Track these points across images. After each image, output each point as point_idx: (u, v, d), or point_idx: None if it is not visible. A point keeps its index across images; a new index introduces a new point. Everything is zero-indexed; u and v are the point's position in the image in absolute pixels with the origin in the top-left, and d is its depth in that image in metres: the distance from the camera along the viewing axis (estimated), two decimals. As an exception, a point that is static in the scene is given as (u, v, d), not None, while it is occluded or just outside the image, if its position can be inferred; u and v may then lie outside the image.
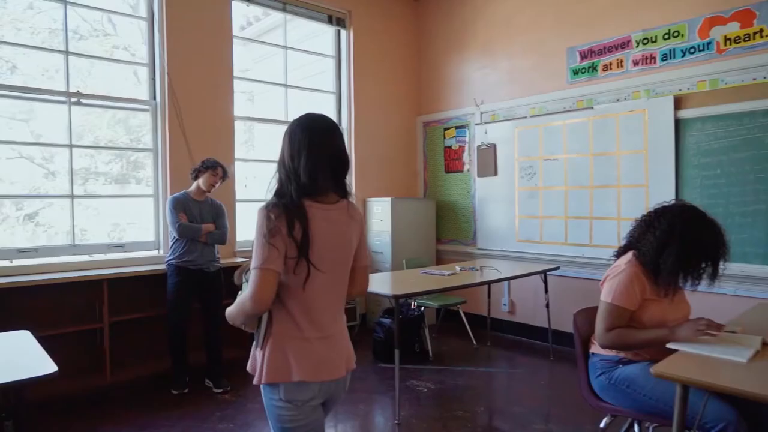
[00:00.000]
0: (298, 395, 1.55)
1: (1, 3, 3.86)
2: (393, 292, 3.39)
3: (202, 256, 3.82)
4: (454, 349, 4.90)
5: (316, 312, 1.58)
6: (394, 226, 5.40)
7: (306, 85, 5.55)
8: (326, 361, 1.58)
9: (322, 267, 1.56)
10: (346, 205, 1.64)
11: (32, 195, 4.05)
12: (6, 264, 3.72)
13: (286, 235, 1.49)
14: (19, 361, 1.98)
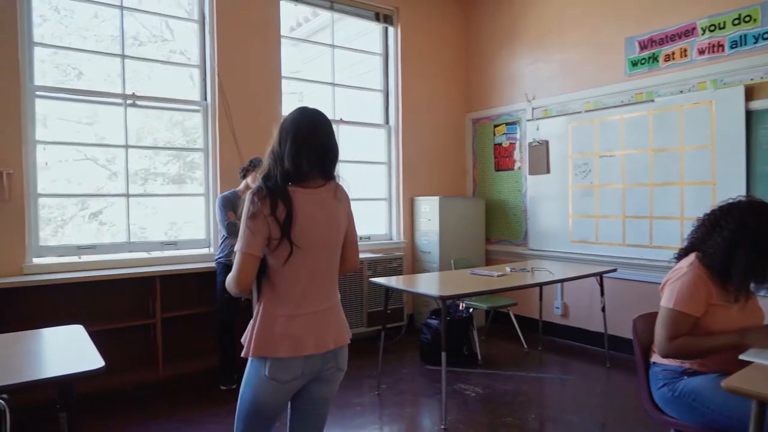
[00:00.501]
0: (281, 375, 1.62)
1: (69, 13, 4.04)
2: (440, 293, 3.30)
3: None
4: (503, 352, 4.75)
5: (304, 289, 1.67)
6: (441, 226, 5.30)
7: (354, 84, 5.53)
8: (311, 335, 1.65)
9: (308, 246, 1.64)
10: (334, 187, 1.73)
11: (90, 194, 4.20)
12: (66, 260, 3.87)
13: (269, 215, 1.59)
14: (71, 356, 2.03)
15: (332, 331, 1.72)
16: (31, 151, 3.77)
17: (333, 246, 1.74)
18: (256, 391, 1.66)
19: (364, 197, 5.56)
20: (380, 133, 5.65)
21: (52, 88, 3.88)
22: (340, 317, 1.78)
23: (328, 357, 1.71)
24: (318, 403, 1.78)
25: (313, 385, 1.74)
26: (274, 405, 1.67)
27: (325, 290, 1.73)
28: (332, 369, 1.74)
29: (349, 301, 4.91)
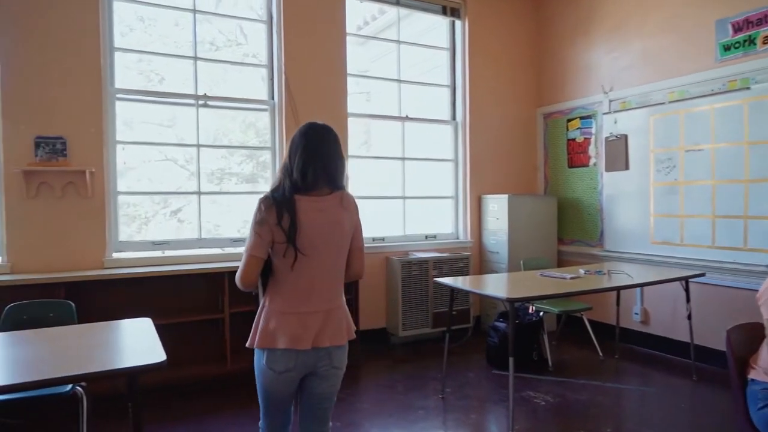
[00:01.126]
0: (275, 365, 1.80)
1: (152, 22, 4.26)
2: (508, 296, 3.14)
3: None
4: (576, 359, 4.49)
5: (307, 291, 1.81)
6: (510, 225, 5.10)
7: (420, 81, 5.44)
8: (307, 332, 1.79)
9: (312, 251, 1.78)
10: (340, 195, 1.85)
11: (166, 192, 4.36)
12: (145, 255, 4.04)
13: (275, 224, 1.75)
14: (137, 348, 2.08)
15: (329, 331, 1.83)
16: (112, 151, 3.96)
17: (336, 251, 1.86)
18: (261, 379, 1.85)
19: (429, 195, 5.45)
20: (447, 130, 5.51)
21: (130, 91, 4.06)
22: (340, 319, 1.88)
23: (321, 354, 1.83)
24: (319, 399, 1.92)
25: (312, 380, 1.88)
26: (276, 392, 1.84)
27: (328, 293, 1.85)
28: (326, 366, 1.86)
29: (413, 301, 4.82)
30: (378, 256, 4.94)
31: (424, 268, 4.89)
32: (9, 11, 3.58)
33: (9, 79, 3.58)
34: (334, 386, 1.94)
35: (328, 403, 1.96)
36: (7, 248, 3.60)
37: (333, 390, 1.94)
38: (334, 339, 1.84)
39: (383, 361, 4.48)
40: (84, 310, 3.56)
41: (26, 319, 2.74)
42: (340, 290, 1.91)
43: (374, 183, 5.29)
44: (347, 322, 1.92)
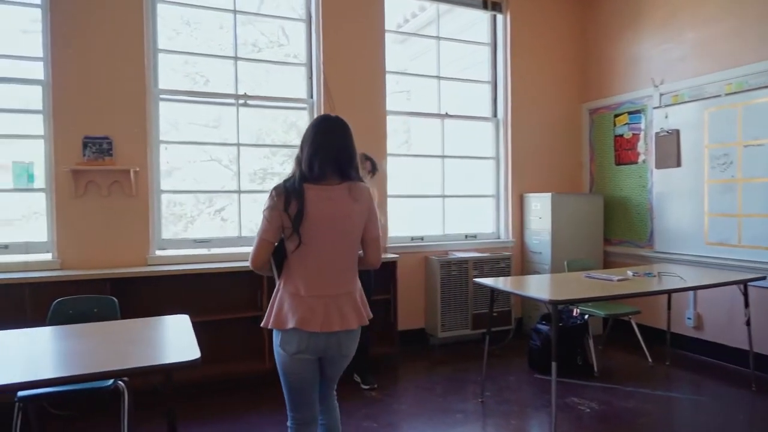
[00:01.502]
0: (286, 346, 1.90)
1: (198, 26, 4.35)
2: (551, 297, 3.02)
3: None
4: (623, 365, 4.30)
5: (316, 275, 1.89)
6: (554, 225, 4.93)
7: (461, 78, 5.34)
8: (317, 316, 1.86)
9: (317, 237, 1.86)
10: (349, 186, 1.91)
11: (207, 191, 4.43)
12: (187, 252, 4.11)
13: (282, 210, 1.84)
14: (174, 345, 2.09)
15: (338, 315, 1.90)
16: (156, 151, 4.05)
17: (345, 239, 1.92)
18: (278, 361, 1.96)
19: (469, 194, 5.34)
20: (488, 127, 5.39)
21: (173, 91, 4.14)
22: (350, 304, 1.94)
23: (331, 339, 1.91)
24: (328, 380, 2.06)
25: (326, 365, 1.99)
26: (293, 374, 1.93)
27: (337, 278, 1.92)
28: (335, 353, 1.95)
29: (452, 301, 4.73)
30: (417, 256, 4.87)
31: (464, 268, 4.79)
32: (58, 16, 3.70)
33: (59, 82, 3.70)
34: (341, 370, 2.06)
35: (334, 383, 2.11)
36: (58, 245, 3.73)
37: (339, 373, 2.07)
38: (343, 324, 1.91)
39: (421, 362, 4.42)
40: (127, 305, 3.65)
41: (72, 314, 2.81)
42: (350, 276, 1.97)
43: (413, 182, 5.23)
44: (358, 307, 1.98)
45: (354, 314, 1.94)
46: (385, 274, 4.43)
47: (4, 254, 3.68)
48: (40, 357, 2.04)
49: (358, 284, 2.02)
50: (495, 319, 4.77)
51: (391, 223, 4.83)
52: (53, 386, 2.15)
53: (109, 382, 2.52)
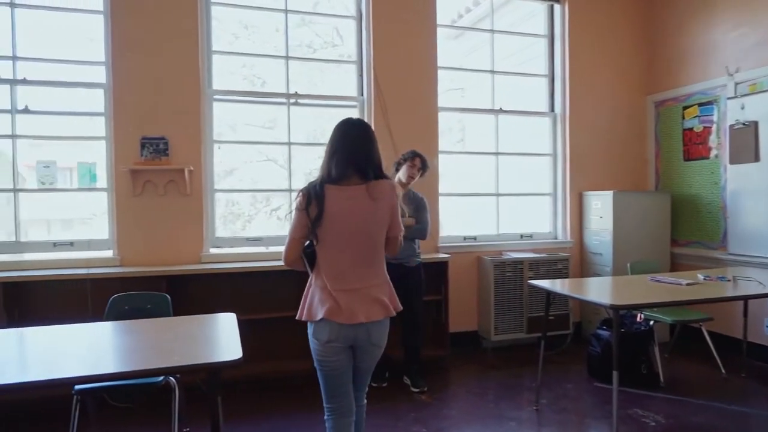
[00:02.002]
0: (319, 335, 2.02)
1: (255, 29, 4.43)
2: (612, 302, 2.83)
3: (402, 250, 3.70)
4: (693, 375, 4.00)
5: (342, 271, 2.00)
6: (616, 224, 4.67)
7: (517, 76, 5.16)
8: (343, 308, 1.97)
9: (342, 235, 1.98)
10: (368, 185, 1.99)
11: (259, 189, 4.49)
12: (238, 251, 4.16)
13: (304, 210, 1.97)
14: (218, 343, 2.08)
15: (365, 307, 2.00)
16: (209, 151, 4.12)
17: (367, 236, 2.02)
18: (313, 351, 2.06)
19: (525, 192, 5.15)
20: (544, 122, 5.18)
21: (226, 92, 4.20)
22: (376, 296, 2.04)
23: (360, 330, 2.01)
24: (361, 372, 2.14)
25: (358, 355, 2.08)
26: (328, 363, 2.03)
27: (361, 273, 2.03)
28: (365, 343, 2.04)
29: (506, 303, 4.57)
30: (469, 256, 4.74)
31: (519, 269, 4.61)
32: (118, 22, 3.83)
33: (118, 85, 3.83)
34: (374, 361, 2.13)
35: (367, 374, 2.19)
36: (118, 242, 3.86)
37: (372, 364, 2.15)
38: (369, 315, 2.01)
39: (473, 365, 4.28)
40: (182, 302, 3.74)
41: (128, 310, 2.88)
42: (375, 270, 2.07)
43: (467, 180, 5.10)
44: (385, 299, 2.06)
45: (380, 306, 2.04)
46: (436, 275, 4.32)
47: (69, 251, 3.84)
48: (95, 352, 2.10)
49: (384, 277, 2.11)
50: (551, 323, 4.57)
51: (443, 223, 4.72)
52: (104, 382, 2.21)
53: (159, 378, 2.55)
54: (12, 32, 3.79)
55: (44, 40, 3.88)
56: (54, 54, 3.88)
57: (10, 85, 3.79)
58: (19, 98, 3.80)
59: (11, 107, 3.79)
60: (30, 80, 3.82)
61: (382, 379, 3.80)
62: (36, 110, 3.85)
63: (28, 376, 1.75)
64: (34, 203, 3.90)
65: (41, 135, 3.92)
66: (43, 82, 3.85)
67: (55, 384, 1.69)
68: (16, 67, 3.80)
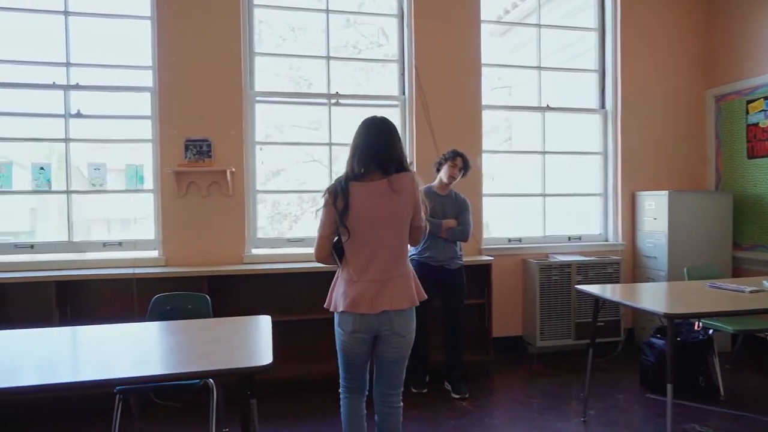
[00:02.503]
0: (342, 325, 2.14)
1: (303, 31, 4.45)
2: (666, 310, 2.65)
3: (443, 253, 3.66)
4: (758, 389, 3.72)
5: (367, 262, 2.09)
6: (671, 226, 4.41)
7: (565, 72, 4.97)
8: (366, 298, 2.07)
9: (364, 228, 2.07)
10: (390, 180, 2.06)
11: (301, 190, 4.50)
12: (280, 252, 4.18)
13: (331, 206, 2.08)
14: (250, 348, 2.05)
15: (388, 297, 2.08)
16: (251, 152, 4.15)
17: (390, 228, 2.10)
18: (337, 339, 2.19)
19: (573, 192, 4.95)
20: (594, 120, 4.96)
21: (268, 93, 4.23)
22: (400, 287, 2.11)
23: (382, 319, 2.08)
24: (387, 363, 2.18)
25: (380, 345, 2.15)
26: (349, 351, 2.15)
27: (385, 264, 2.10)
28: (388, 332, 2.11)
29: (553, 308, 4.39)
30: (514, 258, 4.59)
31: (566, 272, 4.42)
32: (164, 26, 3.91)
33: (164, 88, 3.92)
34: (400, 352, 2.16)
35: (396, 367, 2.18)
36: (163, 243, 3.94)
37: (399, 356, 2.16)
38: (393, 304, 2.08)
39: (518, 372, 4.14)
40: (222, 302, 3.80)
41: (169, 310, 2.91)
42: (399, 261, 2.14)
43: (512, 180, 4.96)
44: (409, 289, 2.14)
45: (404, 295, 2.11)
46: (479, 278, 4.21)
47: (117, 251, 3.95)
48: (136, 353, 2.12)
49: (409, 268, 2.19)
50: (601, 330, 4.37)
51: (487, 223, 4.60)
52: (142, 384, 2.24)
53: (196, 379, 2.56)
54: (66, 39, 3.94)
55: (95, 46, 4.01)
56: (105, 59, 4.01)
57: (64, 91, 3.93)
58: (72, 103, 3.94)
59: (65, 112, 3.93)
60: (82, 85, 3.96)
61: (422, 384, 3.72)
62: (88, 114, 3.98)
63: (78, 375, 1.79)
64: (85, 204, 4.04)
65: (92, 138, 4.04)
66: (95, 87, 3.99)
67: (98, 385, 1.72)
68: (69, 73, 3.95)
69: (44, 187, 3.90)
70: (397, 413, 2.23)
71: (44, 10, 3.95)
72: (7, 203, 3.95)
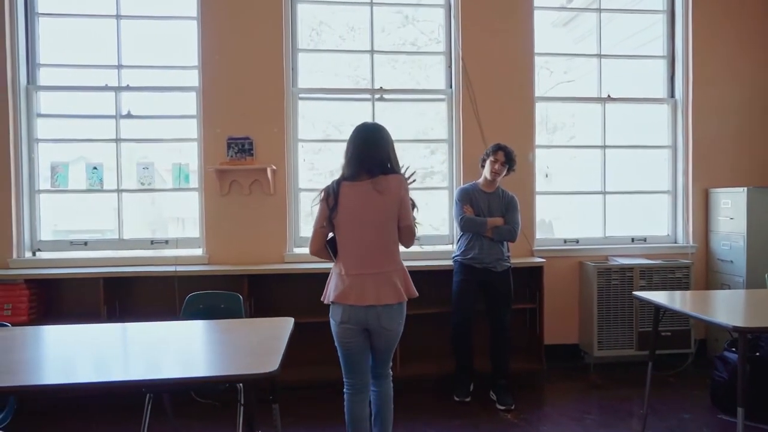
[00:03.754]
0: (334, 316, 2.28)
1: (350, 32, 4.39)
2: (738, 323, 2.31)
3: (488, 254, 3.44)
4: None
5: (356, 257, 2.24)
6: (750, 227, 3.96)
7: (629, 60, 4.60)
8: (354, 291, 2.21)
9: (352, 225, 2.24)
10: (374, 181, 2.21)
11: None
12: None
13: (324, 203, 2.27)
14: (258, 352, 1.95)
15: (375, 292, 2.21)
16: (293, 150, 4.10)
17: (376, 226, 2.24)
18: (332, 329, 2.30)
19: (637, 190, 4.56)
20: (662, 111, 4.54)
21: (310, 89, 4.16)
22: (387, 281, 2.24)
23: (370, 312, 2.21)
24: (379, 352, 2.33)
25: (371, 337, 2.28)
26: (344, 343, 2.27)
27: (374, 259, 2.24)
28: (376, 325, 2.23)
29: (612, 315, 4.04)
30: (569, 261, 4.28)
31: (628, 276, 4.07)
32: (208, 26, 3.93)
33: (207, 87, 3.94)
34: (388, 343, 2.31)
35: (386, 354, 2.36)
36: (206, 241, 3.96)
37: (388, 346, 2.33)
38: (380, 299, 2.21)
39: (572, 383, 3.84)
40: (263, 301, 3.76)
41: (202, 308, 2.90)
42: (388, 257, 2.27)
43: (571, 177, 4.64)
44: (398, 285, 2.25)
45: (390, 291, 2.23)
46: (529, 281, 3.96)
47: (164, 249, 4.02)
48: (159, 353, 2.08)
49: (399, 264, 2.30)
50: (667, 340, 3.99)
51: (540, 223, 4.32)
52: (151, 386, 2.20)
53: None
54: (117, 42, 4.04)
55: (144, 48, 4.09)
56: (153, 61, 4.09)
57: (115, 92, 4.04)
58: (122, 103, 4.05)
59: (116, 113, 4.04)
60: (132, 86, 4.05)
61: (465, 393, 3.51)
62: (137, 115, 4.07)
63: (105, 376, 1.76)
64: (134, 202, 4.13)
65: (141, 138, 4.13)
66: (144, 88, 4.08)
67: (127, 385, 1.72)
68: (120, 74, 4.05)
69: (97, 187, 4.02)
70: (389, 381, 2.44)
71: (98, 15, 4.08)
72: (64, 201, 4.13)
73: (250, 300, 3.69)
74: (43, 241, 4.02)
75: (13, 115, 3.87)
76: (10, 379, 1.63)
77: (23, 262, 3.84)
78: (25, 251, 3.94)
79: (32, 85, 3.98)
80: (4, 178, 3.83)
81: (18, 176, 3.90)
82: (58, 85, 4.07)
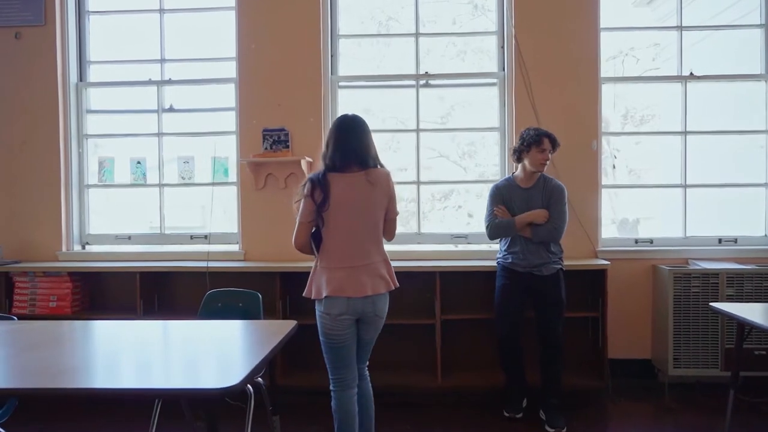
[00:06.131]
0: (331, 309, 2.21)
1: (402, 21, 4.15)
2: None
3: (530, 257, 3.00)
4: None
5: (343, 250, 2.25)
6: None
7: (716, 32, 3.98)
8: (350, 283, 2.21)
9: (341, 218, 2.23)
10: (366, 172, 2.25)
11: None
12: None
13: (310, 196, 2.23)
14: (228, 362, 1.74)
15: (368, 281, 2.22)
16: (332, 141, 3.88)
17: (366, 217, 2.25)
18: (320, 325, 2.25)
19: (726, 182, 3.93)
20: (757, 89, 3.88)
21: (351, 77, 3.95)
22: (377, 272, 2.26)
23: (366, 302, 2.22)
24: (365, 343, 2.35)
25: (361, 327, 2.28)
26: (335, 336, 2.22)
27: (362, 251, 2.25)
28: (371, 314, 2.26)
29: (692, 328, 3.46)
30: (641, 264, 3.74)
31: (712, 284, 3.47)
32: (244, 16, 3.81)
33: (244, 77, 3.82)
34: (377, 332, 2.35)
35: (369, 346, 2.39)
36: (242, 236, 3.85)
37: (374, 336, 2.36)
38: (375, 288, 2.23)
39: (640, 405, 3.34)
40: (296, 298, 3.57)
41: (220, 307, 2.79)
42: (375, 249, 2.29)
43: (641, 166, 4.11)
44: (385, 275, 2.28)
45: (382, 280, 2.27)
46: (590, 286, 3.50)
47: (203, 244, 3.94)
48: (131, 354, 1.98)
49: (384, 255, 2.33)
50: (760, 360, 3.37)
51: (606, 220, 3.83)
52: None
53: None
54: (161, 36, 4.03)
55: (185, 41, 4.06)
56: (193, 53, 4.04)
57: (158, 86, 4.03)
58: (165, 97, 4.03)
59: (158, 107, 4.03)
60: (174, 80, 4.03)
61: (517, 408, 3.13)
62: (179, 108, 4.04)
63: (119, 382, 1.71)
64: (175, 196, 4.10)
65: (182, 131, 4.09)
66: (185, 81, 4.04)
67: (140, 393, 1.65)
68: (163, 69, 4.04)
69: (140, 181, 4.03)
70: (367, 381, 2.42)
71: (143, 10, 4.09)
72: (110, 196, 4.18)
73: (284, 299, 3.53)
74: (92, 234, 4.09)
75: (63, 111, 3.95)
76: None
77: (70, 255, 3.91)
78: (74, 245, 4.02)
79: (82, 82, 4.06)
80: (55, 173, 3.92)
81: (68, 171, 3.98)
82: (105, 81, 4.13)
